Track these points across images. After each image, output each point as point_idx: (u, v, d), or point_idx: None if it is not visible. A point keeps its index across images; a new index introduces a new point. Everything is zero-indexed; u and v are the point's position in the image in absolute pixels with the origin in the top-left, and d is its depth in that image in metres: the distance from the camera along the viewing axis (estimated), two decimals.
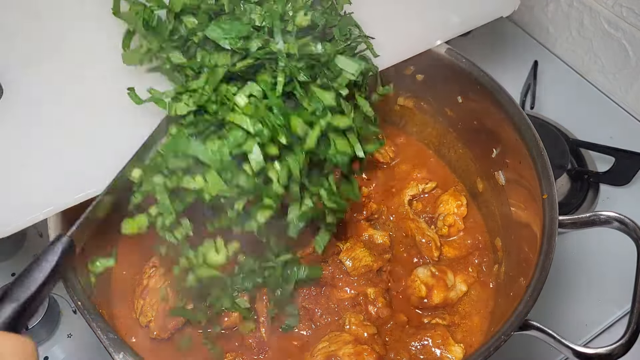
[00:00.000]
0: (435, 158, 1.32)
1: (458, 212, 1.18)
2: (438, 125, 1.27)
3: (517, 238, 1.06)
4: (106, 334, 0.81)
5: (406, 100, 1.29)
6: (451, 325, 1.07)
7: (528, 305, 0.86)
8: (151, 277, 1.04)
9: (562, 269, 1.33)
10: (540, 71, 1.68)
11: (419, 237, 1.15)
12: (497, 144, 1.13)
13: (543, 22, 1.79)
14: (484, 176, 1.19)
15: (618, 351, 0.85)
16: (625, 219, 0.95)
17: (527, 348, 1.17)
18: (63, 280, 0.85)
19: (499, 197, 1.15)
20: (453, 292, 1.08)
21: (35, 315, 1.14)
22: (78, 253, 0.85)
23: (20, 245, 1.32)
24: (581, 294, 1.30)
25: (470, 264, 1.14)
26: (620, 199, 1.45)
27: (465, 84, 1.14)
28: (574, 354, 0.86)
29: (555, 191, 0.97)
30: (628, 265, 1.01)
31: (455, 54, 1.14)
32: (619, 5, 1.55)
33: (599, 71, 1.69)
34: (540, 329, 0.88)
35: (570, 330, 1.24)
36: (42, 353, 1.18)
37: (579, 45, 1.71)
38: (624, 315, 1.26)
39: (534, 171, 1.00)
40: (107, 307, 1.03)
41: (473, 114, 1.17)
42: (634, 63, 1.59)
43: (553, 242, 0.92)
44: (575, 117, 1.58)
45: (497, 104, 1.09)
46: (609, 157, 1.45)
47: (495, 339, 0.83)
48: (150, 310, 1.01)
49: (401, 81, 1.24)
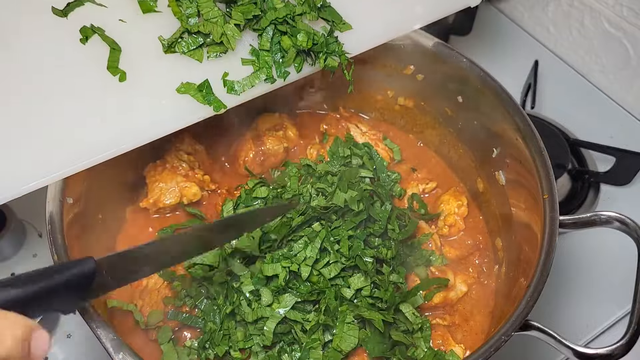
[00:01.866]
0: (435, 158, 1.32)
1: (458, 212, 1.18)
2: (438, 125, 1.27)
3: (518, 238, 1.06)
4: (106, 334, 0.80)
5: (406, 100, 1.28)
6: (451, 325, 1.06)
7: (528, 305, 0.86)
8: (150, 277, 1.04)
9: (563, 269, 1.33)
10: (540, 71, 1.68)
11: (419, 237, 1.14)
12: (498, 144, 1.13)
13: (544, 21, 1.79)
14: (485, 176, 1.19)
15: (619, 351, 0.85)
16: (625, 219, 0.95)
17: (527, 348, 1.17)
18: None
19: (500, 197, 1.15)
20: (453, 293, 1.08)
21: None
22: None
23: (20, 245, 1.32)
24: (582, 294, 1.30)
25: (470, 264, 1.14)
26: (620, 199, 1.45)
27: (465, 83, 1.14)
28: (575, 354, 0.86)
29: (555, 191, 0.97)
30: (629, 266, 1.01)
31: (456, 53, 1.14)
32: (620, 4, 1.55)
33: (600, 71, 1.69)
34: (541, 329, 0.88)
35: (570, 331, 1.23)
36: None
37: (580, 45, 1.71)
38: (624, 315, 1.26)
39: (535, 171, 1.00)
40: (107, 307, 1.03)
41: (473, 113, 1.17)
42: (634, 63, 1.58)
43: (554, 242, 0.92)
44: (576, 116, 1.58)
45: (498, 103, 1.08)
46: (610, 157, 1.45)
47: (495, 339, 0.83)
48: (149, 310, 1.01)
49: (401, 81, 1.24)
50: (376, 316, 0.93)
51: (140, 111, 0.95)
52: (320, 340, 0.93)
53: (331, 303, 0.94)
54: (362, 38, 1.10)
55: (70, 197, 0.94)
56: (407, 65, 1.20)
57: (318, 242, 0.96)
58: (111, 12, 0.97)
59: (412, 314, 0.98)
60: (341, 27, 1.07)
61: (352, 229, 0.99)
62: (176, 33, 0.97)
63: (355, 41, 1.09)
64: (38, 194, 0.92)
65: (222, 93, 0.99)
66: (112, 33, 0.96)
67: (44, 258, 1.30)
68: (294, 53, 1.01)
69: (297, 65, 1.03)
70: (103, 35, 0.94)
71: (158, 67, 0.97)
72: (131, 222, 1.17)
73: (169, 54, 0.97)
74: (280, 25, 1.00)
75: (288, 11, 1.00)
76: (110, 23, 0.96)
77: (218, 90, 0.99)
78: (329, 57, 1.04)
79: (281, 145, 1.23)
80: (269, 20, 1.00)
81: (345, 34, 1.07)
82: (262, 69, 1.01)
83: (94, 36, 0.94)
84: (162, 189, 1.13)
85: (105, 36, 0.95)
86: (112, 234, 1.13)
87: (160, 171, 1.15)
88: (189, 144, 1.21)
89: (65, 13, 0.95)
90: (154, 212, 1.16)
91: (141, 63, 0.96)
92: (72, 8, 0.95)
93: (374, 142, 1.25)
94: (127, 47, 0.96)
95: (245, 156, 1.21)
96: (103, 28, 0.95)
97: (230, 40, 0.98)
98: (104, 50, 0.94)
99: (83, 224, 1.00)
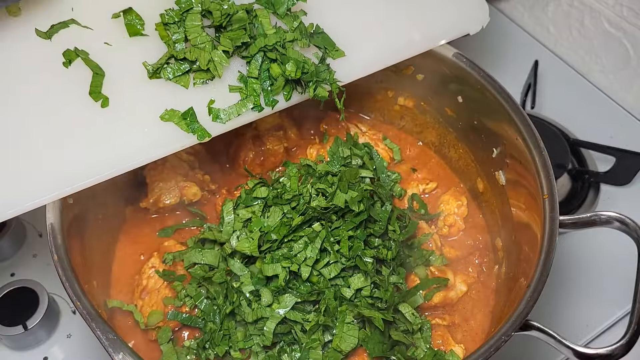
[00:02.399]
0: (435, 158, 1.32)
1: (458, 212, 1.18)
2: (438, 125, 1.27)
3: (518, 238, 1.06)
4: (105, 334, 0.80)
5: (406, 100, 1.28)
6: (451, 325, 1.06)
7: (529, 305, 0.86)
8: (150, 277, 1.04)
9: (563, 269, 1.33)
10: (540, 71, 1.68)
11: (419, 237, 1.14)
12: (498, 144, 1.13)
13: (544, 21, 1.79)
14: (485, 176, 1.19)
15: (619, 351, 0.85)
16: (625, 219, 0.95)
17: (527, 348, 1.17)
18: (62, 281, 0.85)
19: (500, 197, 1.15)
20: (453, 292, 1.08)
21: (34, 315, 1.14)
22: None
23: (20, 245, 1.32)
24: (582, 294, 1.30)
25: (470, 264, 1.14)
26: (620, 199, 1.45)
27: (465, 83, 1.14)
28: (575, 355, 0.86)
29: (555, 191, 0.97)
30: (629, 266, 1.01)
31: (456, 53, 1.14)
32: (620, 4, 1.55)
33: (600, 71, 1.69)
34: (541, 329, 0.88)
35: (570, 331, 1.23)
36: (41, 353, 1.18)
37: (580, 45, 1.71)
38: (624, 315, 1.26)
39: (535, 171, 1.00)
40: (107, 307, 1.03)
41: (473, 113, 1.17)
42: (634, 63, 1.58)
43: (554, 242, 0.92)
44: (576, 116, 1.58)
45: (498, 103, 1.08)
46: (610, 157, 1.45)
47: (495, 339, 0.83)
48: (149, 311, 1.01)
49: (401, 81, 1.24)
50: (376, 314, 0.93)
51: (123, 138, 0.93)
52: (320, 341, 0.93)
53: (331, 303, 0.94)
54: (355, 65, 1.07)
55: (70, 197, 0.94)
56: (407, 65, 1.20)
57: (318, 242, 0.95)
58: (97, 35, 0.95)
59: (412, 314, 0.98)
60: (334, 54, 1.05)
61: (353, 229, 0.99)
62: (162, 58, 0.95)
63: (348, 68, 1.07)
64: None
65: (207, 121, 0.97)
66: (96, 56, 0.94)
67: (44, 258, 1.30)
68: (282, 81, 1.00)
69: (287, 93, 1.02)
70: (86, 59, 0.93)
71: (142, 93, 0.95)
72: (131, 222, 1.17)
73: (154, 79, 0.95)
74: (270, 53, 0.99)
75: (278, 38, 0.98)
76: (95, 46, 0.94)
77: (203, 118, 0.97)
78: (319, 87, 1.03)
79: (281, 145, 1.23)
80: (258, 47, 0.98)
81: (338, 61, 1.05)
82: (249, 96, 0.99)
83: (78, 60, 0.93)
84: (162, 189, 1.14)
85: (89, 60, 0.93)
86: (112, 234, 1.13)
87: (160, 171, 1.15)
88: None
89: (49, 35, 0.93)
90: (153, 212, 1.16)
91: (125, 88, 0.94)
92: (57, 30, 0.94)
93: (374, 142, 1.25)
94: (111, 72, 0.94)
95: (245, 156, 1.21)
96: (87, 51, 0.93)
97: (218, 68, 0.96)
98: (87, 74, 0.92)
99: (83, 224, 1.00)
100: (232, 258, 0.98)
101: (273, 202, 1.01)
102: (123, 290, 1.08)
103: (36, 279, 1.20)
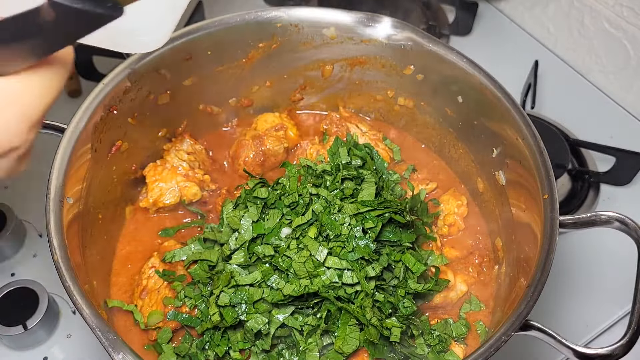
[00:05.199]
0: (435, 158, 1.31)
1: (458, 212, 1.18)
2: (438, 125, 1.27)
3: (518, 238, 1.06)
4: (105, 334, 0.80)
5: (406, 100, 1.28)
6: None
7: (529, 305, 0.86)
8: (150, 277, 1.04)
9: (563, 269, 1.33)
10: (540, 71, 1.68)
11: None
12: (498, 144, 1.12)
13: (543, 21, 1.79)
14: (485, 176, 1.19)
15: (619, 351, 0.85)
16: (626, 219, 0.95)
17: (527, 348, 1.17)
18: (62, 281, 0.85)
19: (500, 197, 1.15)
20: (453, 292, 1.08)
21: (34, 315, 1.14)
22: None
23: (20, 245, 1.32)
24: (582, 294, 1.30)
25: (470, 264, 1.14)
26: (620, 199, 1.45)
27: (465, 83, 1.14)
28: (575, 355, 0.86)
29: (555, 191, 0.97)
30: (629, 266, 1.01)
31: (456, 53, 1.14)
32: (620, 4, 1.55)
33: (600, 71, 1.69)
34: (541, 329, 0.88)
35: (571, 331, 1.23)
36: (41, 353, 1.18)
37: (580, 45, 1.71)
38: (624, 315, 1.26)
39: (535, 171, 1.00)
40: (107, 307, 1.03)
41: (473, 113, 1.16)
42: (634, 63, 1.58)
43: (554, 242, 0.92)
44: (576, 116, 1.58)
45: (498, 103, 1.08)
46: (610, 157, 1.45)
47: (495, 339, 0.83)
48: (149, 311, 1.01)
49: (401, 81, 1.24)
50: (373, 331, 0.93)
51: None
52: (317, 344, 0.93)
53: (331, 307, 0.94)
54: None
55: (70, 197, 0.94)
56: (407, 65, 1.20)
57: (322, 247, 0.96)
58: None
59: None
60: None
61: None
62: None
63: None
64: (38, 194, 0.92)
65: None
66: None
67: (44, 258, 1.30)
68: None
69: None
70: None
71: None
72: (131, 222, 1.17)
73: None
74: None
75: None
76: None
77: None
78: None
79: (281, 145, 1.23)
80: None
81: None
82: None
83: None
84: (162, 189, 1.14)
85: None
86: (112, 234, 1.13)
87: (160, 171, 1.15)
88: (189, 144, 1.22)
89: None
90: (153, 211, 1.16)
91: None
92: None
93: (374, 142, 1.25)
94: None
95: (245, 156, 1.21)
96: None
97: None
98: None
99: (83, 224, 1.00)
100: (231, 259, 0.98)
101: (273, 201, 1.01)
102: (123, 290, 1.08)
103: (36, 279, 1.20)
